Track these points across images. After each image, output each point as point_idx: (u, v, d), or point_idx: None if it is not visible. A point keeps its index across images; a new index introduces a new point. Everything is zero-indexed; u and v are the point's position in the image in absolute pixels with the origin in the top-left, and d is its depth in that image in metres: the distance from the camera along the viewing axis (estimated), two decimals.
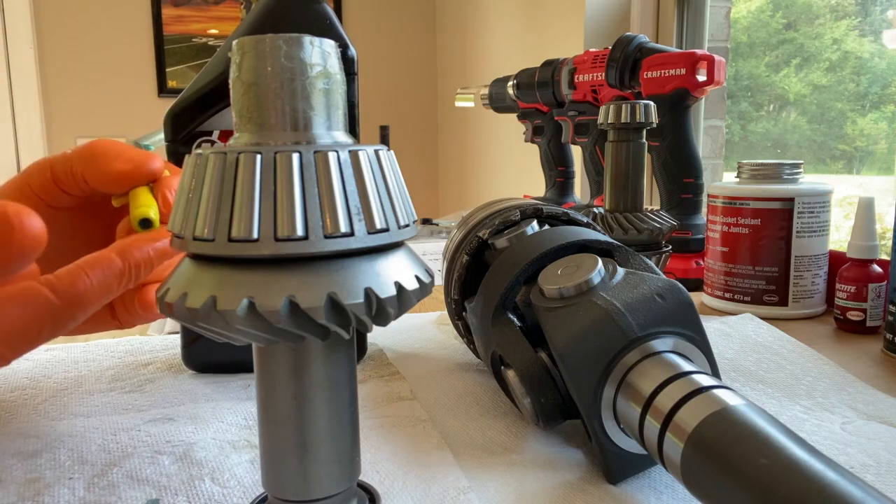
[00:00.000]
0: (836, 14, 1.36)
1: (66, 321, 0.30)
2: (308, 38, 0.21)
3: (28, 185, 0.35)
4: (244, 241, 0.19)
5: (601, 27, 1.53)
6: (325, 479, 0.23)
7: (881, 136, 1.30)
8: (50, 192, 0.35)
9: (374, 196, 0.20)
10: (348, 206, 0.20)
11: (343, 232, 0.19)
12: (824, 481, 0.21)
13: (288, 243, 0.19)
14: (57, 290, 0.29)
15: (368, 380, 0.45)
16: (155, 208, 0.34)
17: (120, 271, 0.31)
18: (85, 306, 0.30)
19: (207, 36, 2.57)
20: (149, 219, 0.33)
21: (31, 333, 0.29)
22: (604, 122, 0.54)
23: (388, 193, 0.21)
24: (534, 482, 0.31)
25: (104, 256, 0.31)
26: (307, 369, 0.22)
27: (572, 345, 0.30)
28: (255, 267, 0.20)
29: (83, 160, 0.35)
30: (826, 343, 0.55)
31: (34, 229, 0.28)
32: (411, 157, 2.72)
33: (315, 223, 0.19)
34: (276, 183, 0.19)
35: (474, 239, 0.41)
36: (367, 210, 0.20)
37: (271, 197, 0.19)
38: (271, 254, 0.19)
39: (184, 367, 0.46)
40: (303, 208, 0.19)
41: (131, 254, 0.32)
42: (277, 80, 0.20)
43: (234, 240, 0.19)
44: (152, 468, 0.32)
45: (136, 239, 0.33)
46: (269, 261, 0.20)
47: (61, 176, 0.35)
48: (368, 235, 0.20)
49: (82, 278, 0.30)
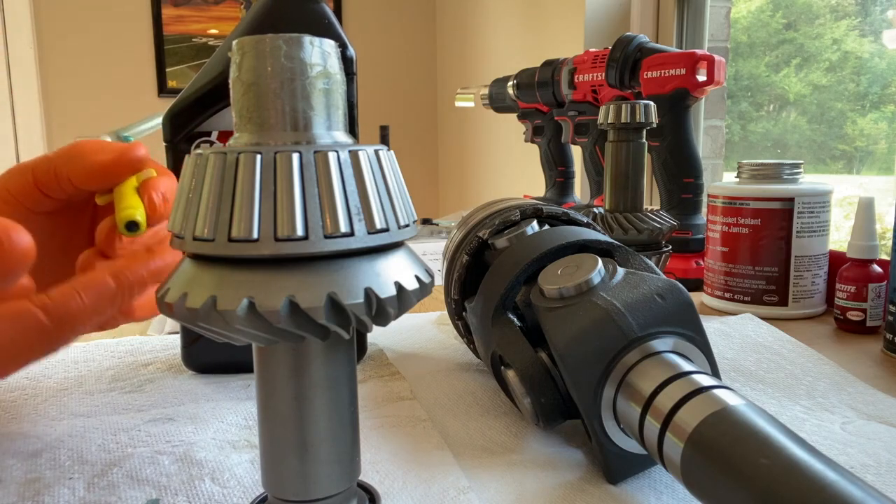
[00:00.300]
0: (836, 14, 1.36)
1: (56, 342, 0.30)
2: (308, 38, 0.21)
3: (6, 189, 0.35)
4: (244, 241, 0.19)
5: (601, 27, 1.53)
6: (326, 479, 0.23)
7: (881, 136, 1.30)
8: (30, 196, 0.35)
9: (374, 196, 0.20)
10: (348, 206, 0.20)
11: (343, 232, 0.19)
12: (824, 481, 0.21)
13: (288, 243, 0.19)
14: (49, 312, 0.29)
15: (368, 380, 0.45)
16: (142, 210, 0.33)
17: (113, 293, 0.31)
18: (76, 328, 0.30)
19: (207, 36, 2.57)
20: (135, 221, 0.32)
21: (21, 354, 0.29)
22: (604, 122, 0.54)
23: (388, 193, 0.21)
24: (534, 482, 0.31)
25: (98, 279, 0.31)
26: (307, 369, 0.22)
27: (572, 345, 0.30)
28: (255, 267, 0.20)
29: (66, 158, 0.34)
30: (826, 343, 0.55)
31: (23, 244, 0.27)
32: (411, 157, 2.72)
33: (315, 223, 0.19)
34: (276, 183, 0.19)
35: (474, 239, 0.41)
36: (368, 210, 0.20)
37: (271, 197, 0.19)
38: (271, 254, 0.19)
39: (184, 367, 0.46)
40: (303, 208, 0.19)
41: (125, 276, 0.31)
42: (277, 80, 0.20)
43: (234, 240, 0.19)
44: (152, 468, 0.32)
45: (131, 261, 0.32)
46: (269, 261, 0.20)
47: (43, 178, 0.34)
48: (368, 235, 0.20)
49: (75, 299, 0.30)
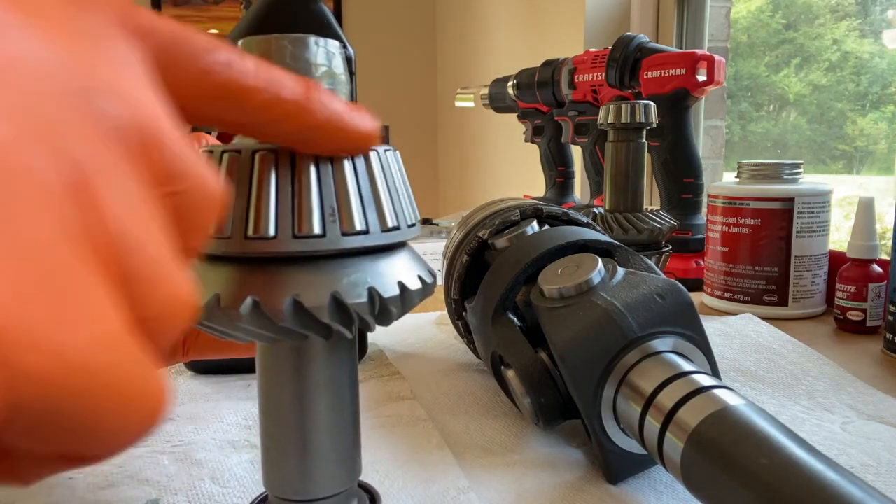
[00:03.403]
0: (836, 14, 1.36)
1: None
2: (313, 39, 0.21)
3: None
4: (261, 239, 0.19)
5: (601, 27, 1.53)
6: (326, 479, 0.23)
7: (881, 136, 1.30)
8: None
9: (384, 194, 0.20)
10: (363, 203, 0.20)
11: (358, 230, 0.20)
12: (824, 481, 0.21)
13: (305, 240, 0.19)
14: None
15: (368, 380, 0.45)
16: None
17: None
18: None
19: None
20: None
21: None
22: (604, 122, 0.54)
23: (396, 191, 0.21)
24: (534, 482, 0.31)
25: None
26: (309, 368, 0.22)
27: (572, 345, 0.30)
28: (260, 266, 0.20)
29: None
30: (826, 343, 0.55)
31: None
32: (411, 157, 2.71)
33: (331, 221, 0.19)
34: (293, 181, 0.19)
35: (474, 239, 0.41)
36: (380, 208, 0.20)
37: (288, 195, 0.19)
38: (288, 251, 0.19)
39: (184, 367, 0.46)
40: (320, 206, 0.19)
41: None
42: None
43: (251, 237, 0.19)
44: (152, 468, 0.32)
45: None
46: (273, 260, 0.20)
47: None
48: (382, 234, 0.20)
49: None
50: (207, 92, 0.16)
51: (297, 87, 0.17)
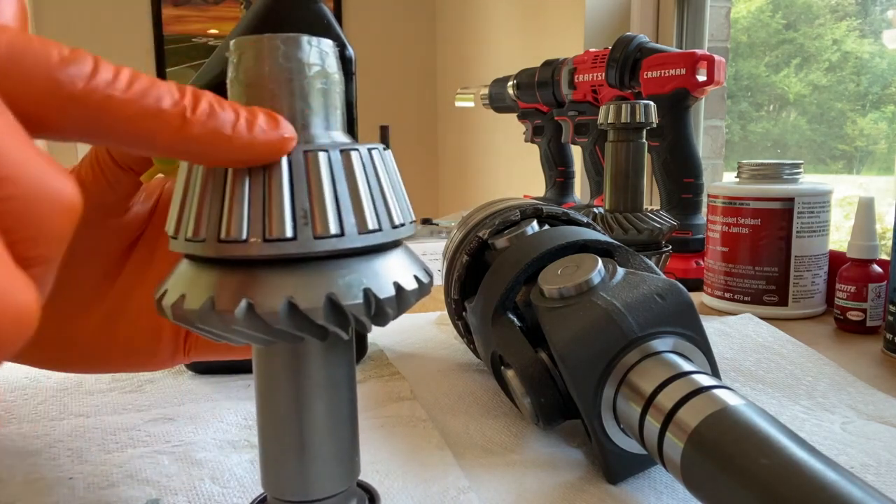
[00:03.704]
0: (836, 14, 1.36)
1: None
2: (306, 38, 0.21)
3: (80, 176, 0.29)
4: (234, 242, 0.19)
5: (601, 27, 1.53)
6: (325, 480, 0.23)
7: (881, 136, 1.30)
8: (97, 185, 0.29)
9: (366, 196, 0.20)
10: (339, 205, 0.20)
11: (333, 233, 0.19)
12: (824, 481, 0.21)
13: (277, 244, 0.19)
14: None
15: (368, 380, 0.45)
16: None
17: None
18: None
19: (207, 36, 2.57)
20: None
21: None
22: (604, 122, 0.54)
23: (381, 192, 0.21)
24: (534, 482, 0.31)
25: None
26: (306, 369, 0.22)
27: (572, 345, 0.30)
28: (253, 268, 0.20)
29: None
30: (826, 343, 0.55)
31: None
32: (411, 157, 2.72)
33: (303, 224, 0.19)
34: (265, 183, 0.19)
35: (474, 239, 0.41)
36: (359, 210, 0.20)
37: (261, 197, 0.19)
38: (260, 255, 0.19)
39: (184, 367, 0.46)
40: (291, 209, 0.19)
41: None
42: (275, 80, 0.20)
43: (224, 240, 0.19)
44: (152, 468, 0.32)
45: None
46: (266, 262, 0.19)
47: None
48: (359, 236, 0.20)
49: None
50: (57, 103, 0.15)
51: (178, 99, 0.17)
